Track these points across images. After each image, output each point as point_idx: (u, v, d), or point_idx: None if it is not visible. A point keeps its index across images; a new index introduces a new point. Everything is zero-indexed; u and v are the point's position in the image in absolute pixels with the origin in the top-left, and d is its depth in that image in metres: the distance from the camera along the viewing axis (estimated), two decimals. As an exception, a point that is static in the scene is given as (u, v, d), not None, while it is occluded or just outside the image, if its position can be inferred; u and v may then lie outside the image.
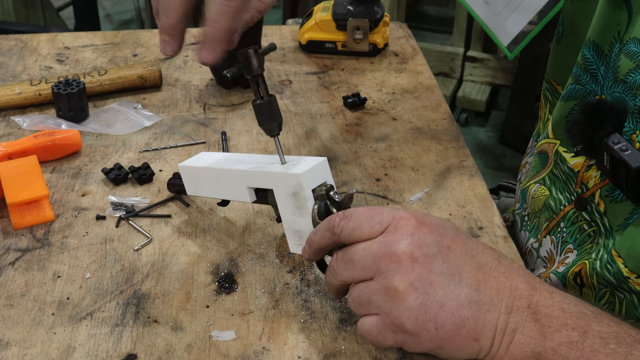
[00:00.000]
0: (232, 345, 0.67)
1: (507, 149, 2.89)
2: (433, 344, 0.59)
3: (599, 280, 0.73)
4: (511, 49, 1.04)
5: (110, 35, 1.28)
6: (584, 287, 0.76)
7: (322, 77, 1.17)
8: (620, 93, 0.72)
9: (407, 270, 0.59)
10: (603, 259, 0.72)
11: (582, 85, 0.78)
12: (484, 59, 3.02)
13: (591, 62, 0.77)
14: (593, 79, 0.77)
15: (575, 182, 0.79)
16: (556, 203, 0.83)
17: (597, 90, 0.76)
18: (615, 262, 0.70)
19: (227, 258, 0.78)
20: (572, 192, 0.80)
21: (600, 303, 0.74)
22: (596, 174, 0.76)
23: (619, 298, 0.72)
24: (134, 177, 0.90)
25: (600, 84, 0.76)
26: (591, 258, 0.75)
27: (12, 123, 1.02)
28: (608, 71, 0.75)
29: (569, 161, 0.81)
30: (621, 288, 0.71)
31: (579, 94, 0.79)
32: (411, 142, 1.00)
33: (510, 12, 1.02)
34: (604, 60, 0.75)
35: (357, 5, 1.20)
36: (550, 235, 0.84)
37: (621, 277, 0.70)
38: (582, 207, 0.78)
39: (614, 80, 0.73)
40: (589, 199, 0.77)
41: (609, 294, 0.73)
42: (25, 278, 0.75)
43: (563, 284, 0.78)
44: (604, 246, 0.74)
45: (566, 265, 0.80)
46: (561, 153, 0.82)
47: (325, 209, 0.68)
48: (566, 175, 0.81)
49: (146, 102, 1.08)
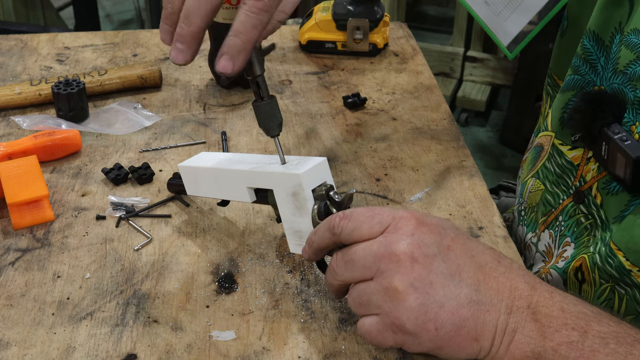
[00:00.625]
0: (232, 345, 0.67)
1: (507, 149, 2.89)
2: (433, 344, 0.59)
3: (600, 274, 0.73)
4: (511, 49, 1.04)
5: (110, 35, 1.28)
6: (584, 284, 0.76)
7: (322, 77, 1.17)
8: (619, 84, 0.72)
9: (407, 270, 0.59)
10: (602, 253, 0.72)
11: (581, 76, 0.78)
12: (484, 59, 3.02)
13: (591, 53, 0.77)
14: (592, 70, 0.77)
15: (574, 175, 0.79)
16: (554, 197, 0.83)
17: (596, 80, 0.76)
18: (616, 255, 0.70)
19: (227, 258, 0.78)
20: (570, 185, 0.80)
21: (599, 300, 0.74)
22: (594, 166, 0.76)
23: (619, 294, 0.72)
24: (134, 177, 0.90)
25: (599, 74, 0.76)
26: (589, 252, 0.75)
27: (12, 123, 1.02)
28: (608, 62, 0.75)
29: (566, 154, 0.81)
30: (623, 282, 0.71)
31: (578, 84, 0.79)
32: (411, 142, 1.00)
33: (510, 12, 1.02)
34: (604, 51, 0.75)
35: (357, 5, 1.20)
36: (548, 229, 0.84)
37: (623, 271, 0.70)
38: (580, 200, 0.78)
39: (613, 71, 0.73)
40: (586, 191, 0.77)
41: (609, 290, 0.73)
42: (25, 278, 0.75)
43: (564, 279, 0.78)
44: (601, 239, 0.74)
45: (565, 259, 0.80)
46: (557, 146, 0.82)
47: (325, 209, 0.68)
48: (562, 169, 0.81)
49: (146, 102, 1.08)
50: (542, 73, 0.96)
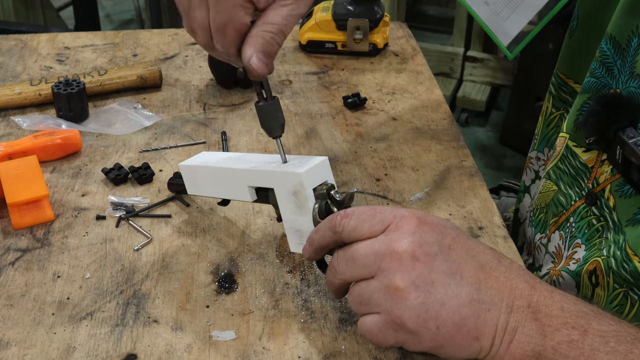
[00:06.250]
0: (232, 345, 0.67)
1: (507, 149, 2.89)
2: (434, 342, 0.59)
3: (615, 279, 0.73)
4: (511, 49, 1.04)
5: (110, 35, 1.28)
6: (597, 287, 0.75)
7: (322, 77, 1.17)
8: (635, 88, 0.72)
9: (408, 268, 0.59)
10: (618, 257, 0.72)
11: (597, 79, 0.78)
12: (484, 59, 3.02)
13: (608, 56, 0.76)
14: (609, 73, 0.77)
15: (588, 177, 0.79)
16: (567, 198, 0.82)
17: (612, 84, 0.76)
18: (632, 260, 0.70)
19: (227, 258, 0.78)
20: (583, 187, 0.80)
21: (611, 305, 0.74)
22: (608, 169, 0.76)
23: (632, 300, 0.72)
24: (134, 177, 0.90)
25: (615, 77, 0.76)
26: (603, 255, 0.74)
27: (12, 123, 1.02)
28: (625, 65, 0.74)
29: (581, 156, 0.80)
30: (637, 287, 0.71)
31: (593, 87, 0.78)
32: (411, 142, 1.00)
33: (510, 12, 1.02)
34: (621, 54, 0.75)
35: (357, 5, 1.20)
36: (559, 230, 0.83)
37: (638, 276, 0.70)
38: (592, 202, 0.78)
39: (630, 74, 0.73)
40: (599, 194, 0.77)
41: (622, 295, 0.73)
42: (25, 278, 0.75)
43: (577, 282, 0.78)
44: (614, 242, 0.74)
45: (575, 260, 0.80)
46: (571, 147, 0.82)
47: (326, 208, 0.68)
48: (577, 170, 0.81)
49: (146, 102, 1.08)
50: (542, 73, 0.96)
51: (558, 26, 1.24)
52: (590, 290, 0.76)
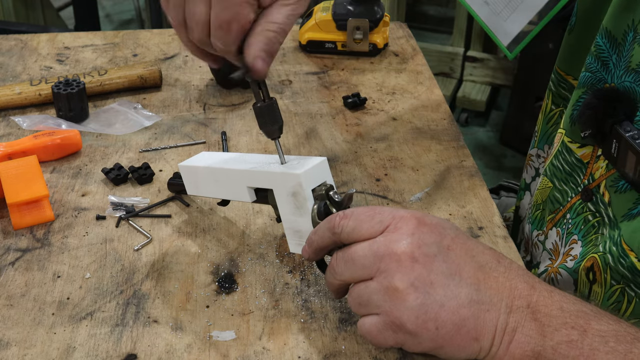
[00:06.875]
0: (232, 345, 0.67)
1: (507, 149, 2.89)
2: (433, 343, 0.59)
3: (612, 275, 0.73)
4: (511, 49, 1.04)
5: (110, 35, 1.28)
6: (594, 284, 0.76)
7: (322, 77, 1.17)
8: (631, 82, 0.72)
9: (407, 269, 0.59)
10: (614, 253, 0.72)
11: (593, 73, 0.78)
12: (484, 59, 3.02)
13: (603, 50, 0.76)
14: (604, 67, 0.76)
15: (583, 173, 0.79)
16: (563, 195, 0.82)
17: (607, 78, 0.76)
18: (628, 256, 0.70)
19: (227, 258, 0.78)
20: (579, 183, 0.80)
21: (608, 302, 0.74)
22: (603, 164, 0.76)
23: (629, 297, 0.72)
24: (134, 177, 0.90)
25: (611, 72, 0.76)
26: (599, 251, 0.75)
27: (12, 123, 1.02)
28: (620, 60, 0.74)
29: (576, 152, 0.80)
30: (634, 283, 0.71)
31: (589, 82, 0.78)
32: (411, 142, 1.00)
33: (510, 12, 1.02)
34: (616, 49, 0.75)
35: (357, 5, 1.20)
36: (556, 227, 0.83)
37: (635, 271, 0.70)
38: (588, 198, 0.78)
39: (625, 69, 0.73)
40: (594, 189, 0.77)
41: (619, 292, 0.73)
42: (25, 278, 0.75)
43: (574, 279, 0.78)
44: (610, 237, 0.74)
45: (572, 257, 0.80)
46: (567, 143, 0.82)
47: (325, 208, 0.68)
48: (572, 166, 0.81)
49: (146, 102, 1.08)
50: (542, 73, 0.96)
51: (558, 26, 1.24)
52: (588, 287, 0.76)
